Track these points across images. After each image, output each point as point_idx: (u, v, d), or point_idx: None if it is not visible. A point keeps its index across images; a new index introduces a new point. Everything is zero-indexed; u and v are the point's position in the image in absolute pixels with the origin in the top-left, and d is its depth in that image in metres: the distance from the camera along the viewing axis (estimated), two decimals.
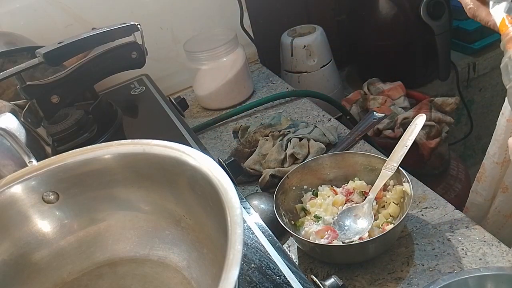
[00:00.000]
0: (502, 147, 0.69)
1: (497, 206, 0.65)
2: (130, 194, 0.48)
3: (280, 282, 0.46)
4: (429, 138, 1.05)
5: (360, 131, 0.89)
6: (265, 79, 1.19)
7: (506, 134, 0.68)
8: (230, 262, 0.31)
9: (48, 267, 0.48)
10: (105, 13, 1.07)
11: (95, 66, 0.81)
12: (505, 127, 0.67)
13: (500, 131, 0.68)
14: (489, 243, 0.62)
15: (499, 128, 0.69)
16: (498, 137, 0.69)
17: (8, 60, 0.86)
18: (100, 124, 0.84)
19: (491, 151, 0.71)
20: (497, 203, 0.72)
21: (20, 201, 0.46)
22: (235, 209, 0.35)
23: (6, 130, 0.52)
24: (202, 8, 1.17)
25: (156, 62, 1.15)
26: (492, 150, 0.71)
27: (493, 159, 0.71)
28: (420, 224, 0.67)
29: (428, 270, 0.60)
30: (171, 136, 0.78)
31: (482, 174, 0.74)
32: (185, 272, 0.46)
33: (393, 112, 1.11)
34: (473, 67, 1.37)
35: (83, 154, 0.47)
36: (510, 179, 0.71)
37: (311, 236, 0.65)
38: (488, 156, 0.72)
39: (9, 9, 1.00)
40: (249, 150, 0.89)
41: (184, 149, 0.43)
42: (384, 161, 0.68)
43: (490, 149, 0.71)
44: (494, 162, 0.71)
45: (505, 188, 0.72)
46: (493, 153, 0.71)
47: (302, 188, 0.73)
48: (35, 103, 0.73)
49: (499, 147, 0.70)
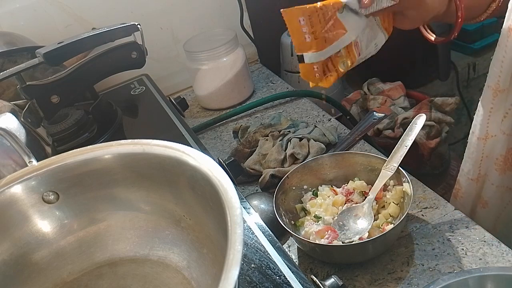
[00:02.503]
0: (476, 164, 0.71)
1: (478, 221, 0.66)
2: (130, 194, 0.48)
3: (280, 282, 0.46)
4: (429, 138, 1.05)
5: (360, 131, 0.89)
6: (265, 79, 1.19)
7: (478, 151, 0.70)
8: (230, 262, 0.31)
9: (48, 267, 0.48)
10: (105, 13, 1.07)
11: (95, 66, 0.81)
12: (477, 145, 0.70)
13: (472, 149, 0.71)
14: (489, 243, 0.62)
15: (471, 146, 0.71)
16: (471, 154, 0.71)
17: (8, 60, 0.86)
18: (100, 124, 0.84)
19: (465, 168, 0.73)
20: (479, 218, 0.74)
21: (20, 201, 0.46)
22: (235, 209, 0.35)
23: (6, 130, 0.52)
24: (202, 8, 1.17)
25: (156, 62, 1.15)
26: (466, 168, 0.73)
27: (468, 176, 0.73)
28: (420, 224, 0.67)
29: (428, 270, 0.60)
30: (171, 136, 0.78)
31: (458, 190, 0.76)
32: (185, 272, 0.46)
33: (393, 112, 1.11)
34: (473, 67, 1.37)
35: (83, 154, 0.47)
36: (489, 195, 0.73)
37: (311, 236, 0.65)
38: (463, 173, 0.74)
39: (9, 9, 1.00)
40: (249, 150, 0.89)
41: (184, 149, 0.43)
42: (384, 161, 0.68)
43: (464, 166, 0.73)
44: (469, 179, 0.73)
45: (485, 204, 0.74)
46: (467, 170, 0.73)
47: (302, 188, 0.73)
48: (35, 103, 0.73)
49: (472, 164, 0.72)
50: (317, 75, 0.57)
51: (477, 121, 0.68)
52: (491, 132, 0.67)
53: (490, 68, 0.63)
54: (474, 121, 0.69)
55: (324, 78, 0.57)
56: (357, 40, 0.57)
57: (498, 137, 0.67)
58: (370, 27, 0.59)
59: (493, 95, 0.64)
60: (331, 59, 0.57)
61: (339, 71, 0.58)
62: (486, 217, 0.74)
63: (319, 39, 0.54)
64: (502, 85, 0.62)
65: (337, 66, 0.58)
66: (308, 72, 0.57)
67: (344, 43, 0.56)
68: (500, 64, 0.61)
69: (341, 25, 0.55)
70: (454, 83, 1.32)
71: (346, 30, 0.55)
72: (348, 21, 0.55)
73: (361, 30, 0.57)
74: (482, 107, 0.66)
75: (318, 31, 0.54)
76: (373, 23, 0.60)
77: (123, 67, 0.87)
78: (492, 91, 0.64)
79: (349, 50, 0.57)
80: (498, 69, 0.62)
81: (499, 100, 0.64)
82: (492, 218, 0.75)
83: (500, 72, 0.62)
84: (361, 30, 0.57)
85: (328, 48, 0.56)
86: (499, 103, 0.64)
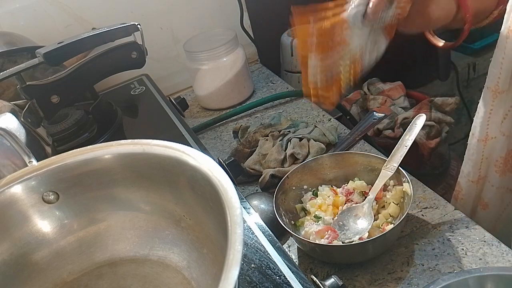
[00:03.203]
0: (476, 166, 0.71)
1: (479, 222, 0.66)
2: (130, 194, 0.48)
3: (280, 282, 0.46)
4: (429, 138, 1.05)
5: (360, 131, 0.89)
6: (265, 79, 1.19)
7: (478, 153, 0.70)
8: (230, 262, 0.31)
9: (48, 267, 0.48)
10: (105, 13, 1.07)
11: (95, 66, 0.81)
12: (477, 146, 0.69)
13: (472, 151, 0.70)
14: (489, 243, 0.62)
15: (471, 148, 0.71)
16: (471, 156, 0.71)
17: (8, 60, 0.86)
18: (100, 124, 0.84)
19: (465, 170, 0.73)
20: (479, 219, 0.74)
21: (20, 201, 0.46)
22: (235, 209, 0.35)
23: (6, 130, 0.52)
24: (202, 8, 1.17)
25: (156, 62, 1.15)
26: (466, 169, 0.73)
27: (468, 178, 0.73)
28: (420, 224, 0.67)
29: (428, 270, 0.60)
30: (171, 136, 0.78)
31: (459, 192, 0.76)
32: (185, 272, 0.46)
33: (393, 112, 1.11)
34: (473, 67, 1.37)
35: (83, 154, 0.47)
36: (489, 196, 0.72)
37: (311, 236, 0.65)
38: (463, 175, 0.74)
39: (9, 9, 1.00)
40: (249, 150, 0.89)
41: (184, 149, 0.43)
42: (384, 161, 0.68)
43: (464, 168, 0.73)
44: (469, 181, 0.73)
45: (485, 205, 0.74)
46: (468, 172, 0.73)
47: (302, 188, 0.73)
48: (35, 103, 0.73)
49: (472, 166, 0.71)
50: (320, 89, 0.60)
51: (477, 122, 0.68)
52: (491, 134, 0.67)
53: (489, 69, 0.63)
54: (474, 122, 0.69)
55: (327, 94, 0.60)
56: (359, 52, 0.59)
57: (498, 139, 0.67)
58: (373, 35, 0.60)
59: (493, 97, 0.64)
60: (334, 75, 0.59)
61: (341, 85, 0.60)
62: (486, 219, 0.74)
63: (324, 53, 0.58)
64: (502, 86, 0.62)
65: (340, 81, 0.60)
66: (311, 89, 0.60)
67: (347, 56, 0.58)
68: (499, 65, 0.61)
69: (346, 40, 0.57)
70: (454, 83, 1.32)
71: (350, 43, 0.57)
72: (353, 35, 0.57)
73: (365, 40, 0.59)
74: (481, 109, 0.66)
75: (324, 47, 0.57)
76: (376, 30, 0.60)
77: (123, 67, 0.87)
78: (491, 93, 0.64)
79: (352, 63, 0.59)
80: (498, 70, 0.62)
81: (498, 101, 0.64)
82: (492, 220, 0.75)
83: (500, 73, 0.61)
84: (365, 40, 0.59)
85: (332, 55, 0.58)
86: (498, 104, 0.64)
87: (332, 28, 0.56)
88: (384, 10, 0.55)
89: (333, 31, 0.56)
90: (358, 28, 0.56)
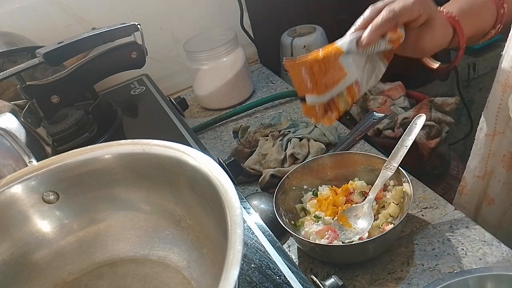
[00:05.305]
0: (482, 161, 0.70)
1: (484, 218, 0.65)
2: (130, 194, 0.48)
3: (280, 282, 0.46)
4: (429, 138, 1.04)
5: (360, 131, 0.89)
6: (265, 79, 1.19)
7: (485, 148, 0.69)
8: (230, 262, 0.31)
9: (48, 267, 0.48)
10: (105, 13, 1.07)
11: (95, 66, 0.81)
12: (484, 141, 0.69)
13: (479, 146, 0.70)
14: (489, 243, 0.62)
15: (478, 143, 0.70)
16: (478, 151, 0.70)
17: (8, 60, 0.86)
18: (100, 124, 0.84)
19: (471, 165, 0.73)
20: (484, 215, 0.73)
21: (20, 201, 0.46)
22: (235, 209, 0.35)
23: (6, 130, 0.53)
24: (202, 8, 1.17)
25: (156, 62, 1.15)
26: (473, 164, 0.72)
27: (474, 173, 0.72)
28: (420, 224, 0.67)
29: (428, 270, 0.60)
30: (171, 136, 0.78)
31: (464, 187, 0.75)
32: (185, 272, 0.46)
33: (393, 112, 1.11)
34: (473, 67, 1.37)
35: (83, 154, 0.47)
36: (495, 192, 0.72)
37: (311, 236, 0.65)
38: (469, 170, 0.73)
39: (9, 9, 1.00)
40: (249, 150, 0.89)
41: (184, 149, 0.43)
42: (384, 161, 0.68)
43: (471, 163, 0.73)
44: (475, 176, 0.72)
45: (491, 201, 0.73)
46: (474, 167, 0.72)
47: (302, 188, 0.73)
48: (35, 103, 0.73)
49: (479, 161, 0.71)
50: (319, 114, 0.59)
51: (485, 117, 0.67)
52: (499, 129, 0.66)
53: (500, 63, 0.62)
54: (482, 117, 0.68)
55: (326, 116, 0.60)
56: (357, 79, 0.59)
57: (506, 134, 0.66)
58: (371, 60, 0.60)
59: (502, 91, 0.63)
60: (333, 99, 0.59)
61: (340, 109, 0.60)
62: (492, 214, 0.73)
63: (320, 86, 0.57)
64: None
65: (338, 105, 0.59)
66: (310, 111, 0.59)
67: (346, 84, 0.58)
68: (511, 59, 0.61)
69: (342, 69, 0.57)
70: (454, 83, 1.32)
71: (347, 72, 0.57)
72: (349, 63, 0.57)
73: (362, 68, 0.59)
74: (490, 103, 0.66)
75: (319, 79, 0.56)
76: (373, 55, 0.60)
77: (123, 67, 0.87)
78: (501, 87, 0.63)
79: (350, 89, 0.59)
80: (509, 63, 0.61)
81: (508, 95, 0.63)
82: (498, 215, 0.74)
83: (511, 67, 0.61)
84: (362, 68, 0.59)
85: (329, 92, 0.58)
86: (508, 98, 0.63)
87: (326, 58, 0.56)
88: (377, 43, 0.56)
89: (327, 60, 0.56)
90: (354, 54, 0.56)
